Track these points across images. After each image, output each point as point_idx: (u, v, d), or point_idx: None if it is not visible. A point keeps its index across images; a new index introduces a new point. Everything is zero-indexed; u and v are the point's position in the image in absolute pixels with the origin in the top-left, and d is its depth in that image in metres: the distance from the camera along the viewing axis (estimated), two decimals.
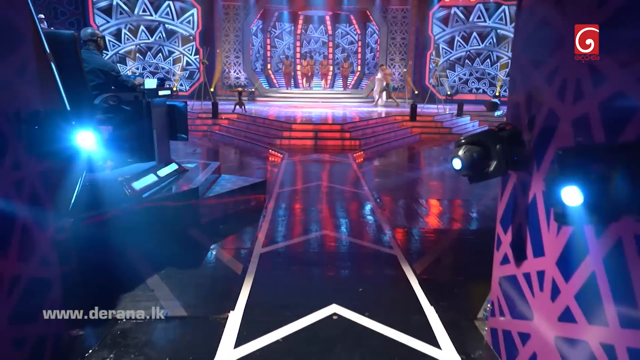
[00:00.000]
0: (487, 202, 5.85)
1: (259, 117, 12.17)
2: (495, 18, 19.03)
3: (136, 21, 18.85)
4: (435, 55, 19.46)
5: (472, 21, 19.10)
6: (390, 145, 10.86)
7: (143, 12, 18.86)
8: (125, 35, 18.95)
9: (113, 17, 18.76)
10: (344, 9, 19.99)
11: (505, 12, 18.87)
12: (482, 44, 19.47)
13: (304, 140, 10.37)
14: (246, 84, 19.86)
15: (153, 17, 19.07)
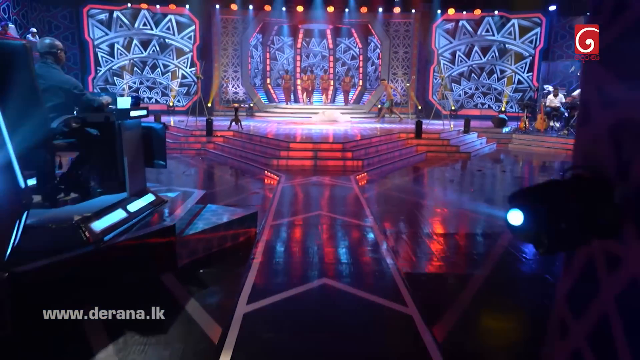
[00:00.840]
0: (511, 237, 5.06)
1: (256, 135, 11.43)
2: (504, 32, 18.40)
3: (136, 35, 18.28)
4: (438, 70, 18.80)
5: (479, 34, 18.45)
6: (395, 165, 10.09)
7: (143, 25, 18.29)
8: (118, 50, 18.33)
9: (112, 30, 18.19)
10: (345, 22, 19.39)
11: (514, 26, 18.24)
12: (484, 58, 18.82)
13: (302, 160, 9.61)
14: (244, 99, 19.21)
15: (153, 32, 18.50)
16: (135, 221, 4.19)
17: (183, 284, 3.82)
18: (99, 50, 18.20)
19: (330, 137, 11.37)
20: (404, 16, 18.57)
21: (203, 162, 10.42)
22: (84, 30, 17.97)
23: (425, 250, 4.83)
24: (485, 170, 10.02)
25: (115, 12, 18.07)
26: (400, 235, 5.23)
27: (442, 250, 4.83)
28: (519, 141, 13.95)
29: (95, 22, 18.07)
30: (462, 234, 5.58)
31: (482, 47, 18.72)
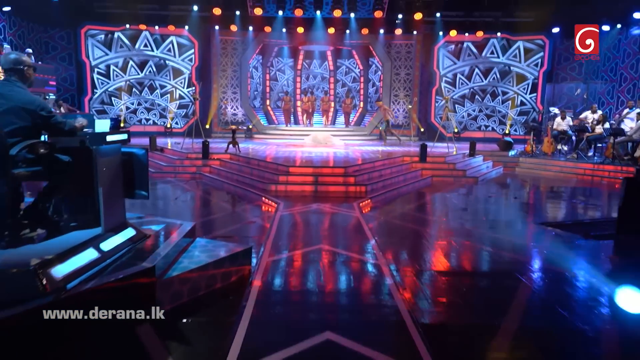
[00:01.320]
0: (545, 278, 4.48)
1: (253, 158, 10.90)
2: (509, 55, 18.08)
3: (136, 56, 17.94)
4: (441, 92, 18.42)
5: (484, 56, 18.12)
6: (400, 191, 9.52)
7: (144, 46, 17.97)
8: (114, 71, 17.98)
9: (112, 50, 17.85)
10: (346, 44, 19.09)
11: (519, 48, 17.93)
12: (485, 80, 18.45)
13: (302, 185, 9.05)
14: (243, 120, 18.79)
15: (154, 53, 18.18)
16: (109, 262, 3.60)
17: (162, 338, 3.21)
18: (97, 69, 17.83)
19: (332, 161, 10.84)
20: (406, 38, 18.26)
21: (198, 187, 9.86)
22: (81, 51, 17.63)
23: (442, 293, 4.22)
24: (495, 196, 9.45)
25: (116, 32, 17.78)
26: (412, 275, 4.63)
27: (461, 293, 4.23)
28: (526, 165, 13.43)
29: (95, 42, 17.75)
30: (481, 272, 4.98)
31: (484, 69, 18.38)
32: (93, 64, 17.79)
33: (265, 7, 15.55)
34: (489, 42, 18.01)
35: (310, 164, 10.20)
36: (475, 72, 18.45)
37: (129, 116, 18.53)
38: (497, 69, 18.33)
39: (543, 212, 8.28)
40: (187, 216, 6.94)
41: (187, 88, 18.40)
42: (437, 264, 5.03)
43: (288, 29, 17.95)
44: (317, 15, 16.31)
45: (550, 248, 5.68)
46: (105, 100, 18.14)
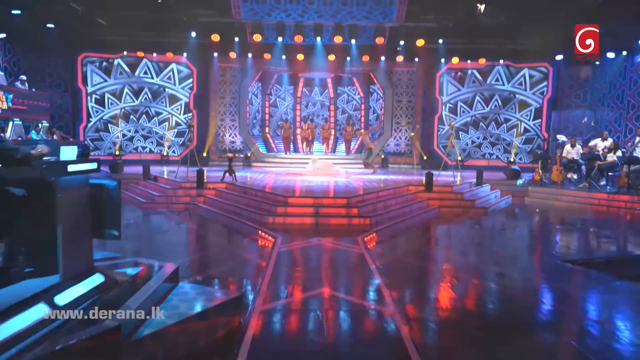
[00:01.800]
0: (585, 332, 3.78)
1: (250, 188, 10.27)
2: (515, 82, 17.70)
3: (136, 83, 17.55)
4: (447, 119, 17.98)
5: (489, 83, 17.74)
6: (406, 223, 8.84)
7: (144, 74, 17.60)
8: (109, 99, 17.56)
9: (112, 76, 17.46)
10: (347, 71, 18.73)
11: (525, 76, 17.57)
12: (486, 107, 18.01)
13: (302, 218, 8.38)
14: (242, 148, 18.24)
15: (154, 80, 17.80)
16: (63, 320, 2.91)
17: None
18: (95, 96, 17.43)
19: (333, 191, 10.21)
20: (407, 65, 17.91)
21: (190, 219, 9.18)
22: (77, 78, 17.24)
23: (469, 351, 3.51)
24: (509, 229, 8.77)
25: (116, 59, 17.45)
26: (431, 327, 3.93)
27: (488, 351, 3.52)
28: (536, 194, 12.79)
29: (94, 68, 17.38)
30: (508, 321, 4.27)
31: (488, 96, 17.98)
32: (90, 91, 17.38)
33: (264, 34, 15.22)
34: (494, 69, 17.67)
35: (310, 194, 9.56)
36: (476, 99, 18.05)
37: (125, 144, 18.00)
38: (497, 95, 17.93)
39: (564, 247, 7.59)
40: (175, 253, 6.25)
41: (184, 114, 17.94)
42: (455, 313, 4.33)
43: (288, 55, 17.61)
44: (318, 42, 15.98)
45: (583, 292, 4.98)
46: (101, 128, 17.64)
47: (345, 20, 14.66)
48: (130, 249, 6.02)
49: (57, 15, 14.63)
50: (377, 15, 14.42)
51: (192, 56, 17.62)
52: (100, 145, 17.67)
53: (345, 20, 14.63)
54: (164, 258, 5.25)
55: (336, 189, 10.46)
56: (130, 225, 8.46)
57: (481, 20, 14.42)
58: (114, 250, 4.81)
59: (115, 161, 13.19)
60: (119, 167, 13.19)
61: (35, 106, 15.47)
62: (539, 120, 17.69)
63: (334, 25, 14.64)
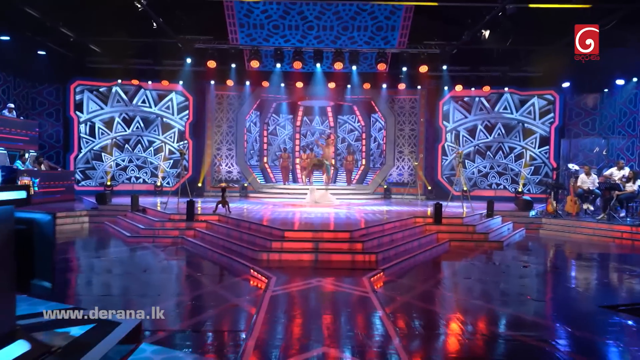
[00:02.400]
0: None
1: (244, 220, 9.37)
2: (524, 111, 17.07)
3: (132, 111, 16.90)
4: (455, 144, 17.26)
5: (497, 111, 17.10)
6: (416, 259, 7.91)
7: (142, 103, 16.96)
8: (100, 129, 16.88)
9: (109, 104, 16.81)
10: (347, 99, 18.12)
11: (534, 105, 16.96)
12: (490, 136, 17.30)
13: (300, 254, 7.45)
14: (239, 178, 17.42)
15: (152, 110, 17.16)
16: None
17: None
18: (89, 123, 16.76)
19: (334, 224, 9.31)
20: (410, 92, 17.30)
21: (177, 255, 8.24)
22: (69, 107, 16.58)
23: None
24: (530, 266, 7.84)
25: (114, 87, 16.86)
26: None
27: None
28: (551, 226, 11.87)
29: (91, 95, 16.76)
30: None
31: (489, 125, 17.30)
32: (85, 118, 16.71)
33: (262, 61, 14.63)
34: (503, 97, 17.05)
35: (309, 227, 8.66)
36: (478, 128, 17.38)
37: (118, 173, 17.20)
38: (500, 124, 17.26)
39: (597, 288, 6.64)
40: (148, 298, 5.31)
41: (177, 142, 17.21)
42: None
43: (287, 83, 17.03)
44: (317, 69, 15.38)
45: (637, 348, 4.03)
46: (92, 157, 16.88)
47: (346, 46, 14.09)
48: (95, 294, 5.09)
49: (48, 41, 14.08)
50: (378, 40, 13.85)
51: (188, 84, 17.04)
52: (92, 174, 16.86)
53: (345, 45, 14.06)
54: (134, 305, 4.33)
55: (337, 222, 9.57)
56: (106, 263, 7.52)
57: (486, 45, 13.84)
58: (72, 295, 3.90)
59: (104, 191, 12.34)
60: (106, 198, 12.32)
61: (23, 135, 14.78)
62: (546, 148, 16.95)
63: (334, 51, 14.06)
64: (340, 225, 9.08)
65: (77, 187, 16.45)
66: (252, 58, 14.25)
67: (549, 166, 16.92)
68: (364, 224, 9.09)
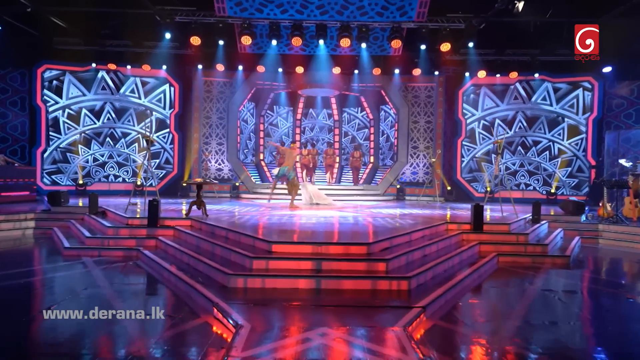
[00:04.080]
0: None
1: (222, 227, 6.76)
2: (565, 104, 14.44)
3: (118, 101, 14.34)
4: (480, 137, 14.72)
5: (534, 101, 14.48)
6: (464, 285, 5.27)
7: (131, 92, 14.42)
8: (65, 123, 14.32)
9: (92, 91, 14.27)
10: (354, 89, 15.54)
11: (578, 98, 14.31)
12: (510, 131, 14.70)
13: (293, 279, 4.82)
14: (230, 176, 14.85)
15: (141, 102, 14.63)
16: None
17: None
18: (68, 111, 14.24)
19: (342, 233, 6.69)
20: (426, 79, 14.72)
21: (119, 277, 5.62)
22: (36, 94, 14.04)
23: None
24: (631, 294, 5.21)
25: (100, 71, 14.34)
26: None
27: None
28: (611, 234, 9.21)
29: (73, 78, 14.23)
30: None
31: (505, 119, 14.71)
32: (63, 105, 14.19)
33: (255, 38, 12.10)
34: (543, 86, 14.42)
35: (308, 237, 6.04)
36: (496, 122, 14.79)
37: (94, 170, 14.65)
38: (520, 116, 14.66)
39: None
40: None
41: (157, 133, 14.66)
42: None
43: (285, 68, 14.49)
44: (320, 48, 12.80)
45: None
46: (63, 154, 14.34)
47: (355, 18, 11.52)
48: None
49: (5, 14, 11.58)
50: (393, 11, 11.27)
51: (172, 69, 14.52)
52: (65, 168, 14.32)
53: (354, 18, 11.49)
54: None
55: (346, 229, 6.95)
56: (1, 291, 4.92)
57: (520, 18, 11.24)
58: None
59: (58, 191, 9.80)
60: (61, 198, 9.73)
61: None
62: (576, 139, 14.34)
63: (340, 25, 11.50)
64: (352, 234, 6.47)
65: (45, 186, 13.92)
66: (244, 33, 11.71)
67: (583, 162, 14.30)
68: (383, 232, 6.48)
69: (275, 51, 13.63)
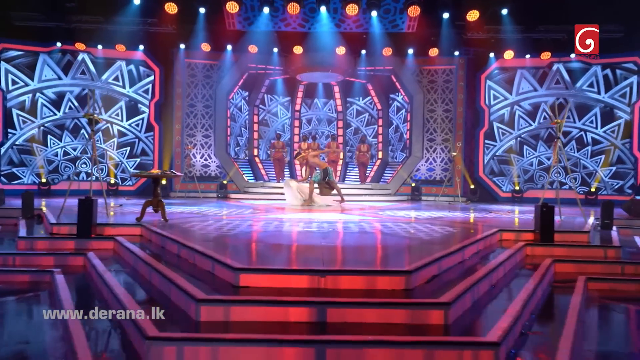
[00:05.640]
0: None
1: (174, 239, 4.38)
2: (616, 92, 12.00)
3: (100, 88, 11.98)
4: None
5: (579, 87, 12.07)
6: (581, 350, 2.88)
7: (114, 80, 12.06)
8: (19, 116, 11.94)
9: (69, 75, 11.92)
10: (361, 75, 13.21)
11: (633, 85, 11.87)
12: (534, 123, 12.33)
13: (271, 347, 2.43)
14: (218, 174, 12.51)
15: (125, 91, 12.29)
16: None
17: None
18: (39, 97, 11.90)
19: (357, 250, 4.31)
20: (444, 61, 12.36)
21: (15, 323, 3.28)
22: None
23: None
24: None
25: (81, 54, 11.99)
26: None
27: None
28: None
29: (48, 58, 11.89)
30: None
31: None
32: (35, 87, 11.85)
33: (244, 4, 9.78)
34: (591, 70, 12.01)
35: (303, 258, 3.68)
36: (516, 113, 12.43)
37: (63, 165, 12.31)
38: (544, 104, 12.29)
39: None
40: None
41: (129, 121, 12.31)
42: None
43: (281, 48, 12.15)
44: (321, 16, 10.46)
45: None
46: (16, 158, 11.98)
47: None
48: None
49: None
50: None
51: (151, 50, 12.19)
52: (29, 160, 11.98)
53: None
54: None
55: (361, 243, 4.57)
56: None
57: None
58: None
59: None
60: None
61: None
62: (612, 127, 11.97)
63: None
64: (371, 251, 4.09)
65: (3, 185, 11.57)
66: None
67: (626, 153, 11.92)
68: (420, 249, 4.10)
69: (269, 27, 11.32)
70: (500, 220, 6.88)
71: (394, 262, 3.51)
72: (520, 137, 12.46)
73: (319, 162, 9.27)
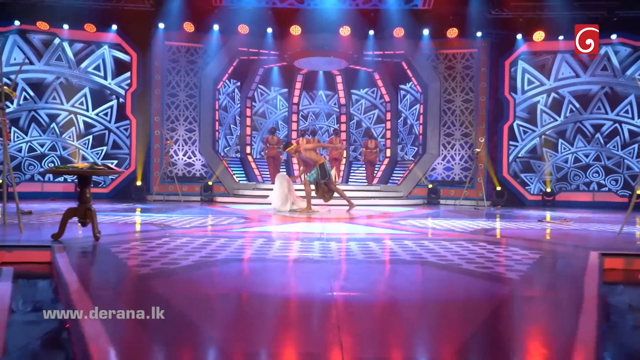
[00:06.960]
0: None
1: (70, 300, 2.43)
2: None
3: (76, 78, 10.01)
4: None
5: (628, 75, 10.11)
6: None
7: (94, 69, 10.09)
8: None
9: (42, 61, 9.94)
10: (367, 62, 11.31)
11: None
12: (560, 118, 10.43)
13: None
14: (204, 174, 10.57)
15: (106, 83, 10.33)
16: None
17: None
18: None
19: (413, 314, 2.35)
20: (464, 44, 10.46)
21: None
22: None
23: None
24: None
25: (57, 37, 10.02)
26: None
27: None
28: None
29: (19, 39, 9.91)
30: None
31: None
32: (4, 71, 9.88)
33: None
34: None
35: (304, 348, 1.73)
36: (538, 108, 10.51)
37: (27, 164, 10.36)
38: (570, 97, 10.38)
39: None
40: None
41: (95, 110, 10.35)
42: None
43: (276, 29, 10.23)
44: None
45: None
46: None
47: None
48: None
49: None
50: None
51: (126, 31, 10.25)
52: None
53: None
54: None
55: (406, 297, 2.63)
56: None
57: None
58: None
59: None
60: None
61: None
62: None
63: None
64: (434, 319, 2.16)
65: None
66: None
67: None
68: (519, 299, 2.17)
69: (262, 3, 9.43)
70: (571, 235, 4.95)
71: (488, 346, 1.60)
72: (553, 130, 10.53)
73: (314, 157, 7.31)
